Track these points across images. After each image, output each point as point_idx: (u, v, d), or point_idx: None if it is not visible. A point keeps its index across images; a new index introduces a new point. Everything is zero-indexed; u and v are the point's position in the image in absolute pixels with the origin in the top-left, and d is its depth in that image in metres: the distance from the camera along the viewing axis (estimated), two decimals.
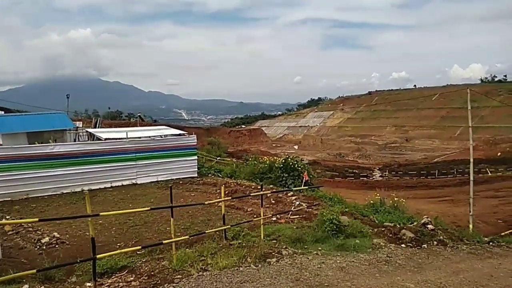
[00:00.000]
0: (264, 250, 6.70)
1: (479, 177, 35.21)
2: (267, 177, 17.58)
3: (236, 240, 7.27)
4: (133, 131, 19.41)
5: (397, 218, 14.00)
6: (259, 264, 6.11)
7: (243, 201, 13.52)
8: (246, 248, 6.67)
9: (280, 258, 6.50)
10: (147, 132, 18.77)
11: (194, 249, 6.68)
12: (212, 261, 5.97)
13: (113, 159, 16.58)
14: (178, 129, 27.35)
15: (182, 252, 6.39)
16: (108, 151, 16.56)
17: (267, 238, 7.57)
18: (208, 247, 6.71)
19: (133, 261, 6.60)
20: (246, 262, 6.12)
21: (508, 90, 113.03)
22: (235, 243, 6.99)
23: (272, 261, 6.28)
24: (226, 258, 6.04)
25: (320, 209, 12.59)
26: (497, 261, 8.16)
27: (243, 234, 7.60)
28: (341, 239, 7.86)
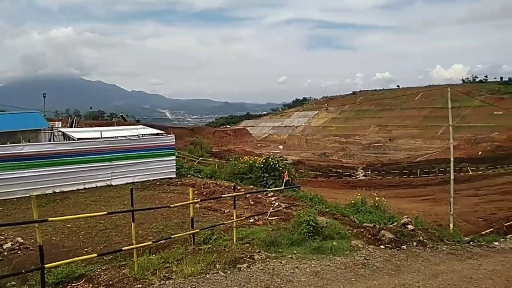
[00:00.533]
0: (235, 255, 6.31)
1: (461, 176, 35.62)
2: (248, 178, 17.19)
3: (206, 244, 6.85)
4: (108, 130, 18.76)
5: (378, 218, 13.79)
6: (228, 270, 5.72)
7: (221, 202, 13.10)
8: (216, 253, 6.27)
9: (252, 263, 6.12)
10: (122, 132, 18.15)
11: (159, 256, 6.23)
12: (177, 268, 5.55)
13: (86, 160, 15.93)
14: (162, 129, 26.83)
15: (145, 259, 5.94)
16: (81, 151, 15.91)
17: (240, 242, 7.18)
18: (174, 253, 6.28)
19: (92, 269, 6.11)
20: (215, 268, 5.72)
21: (488, 90, 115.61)
22: (205, 248, 6.57)
23: (242, 267, 5.90)
24: (192, 265, 5.63)
25: (299, 209, 12.30)
26: (477, 262, 7.96)
27: (215, 238, 7.19)
28: (318, 242, 7.52)
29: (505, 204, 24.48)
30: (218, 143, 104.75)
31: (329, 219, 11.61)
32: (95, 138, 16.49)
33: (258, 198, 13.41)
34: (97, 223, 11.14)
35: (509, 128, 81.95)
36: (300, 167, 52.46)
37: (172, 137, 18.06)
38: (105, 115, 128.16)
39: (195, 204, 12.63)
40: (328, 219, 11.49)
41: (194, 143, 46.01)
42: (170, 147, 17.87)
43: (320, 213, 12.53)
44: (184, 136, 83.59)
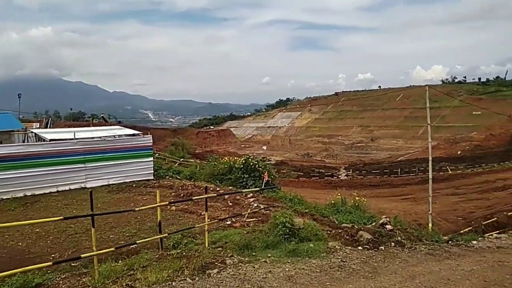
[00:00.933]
0: (206, 260, 6.01)
1: (440, 175, 36.07)
2: (227, 179, 16.91)
3: (175, 249, 6.52)
4: (82, 131, 18.18)
5: (357, 218, 13.71)
6: (197, 276, 5.42)
7: (199, 204, 12.76)
8: (185, 259, 5.96)
9: (223, 268, 5.83)
10: (97, 133, 17.60)
11: (124, 262, 5.88)
12: (142, 275, 5.22)
13: (59, 162, 15.36)
14: (144, 130, 26.23)
15: (108, 266, 5.58)
16: (53, 153, 15.33)
17: (212, 246, 6.88)
18: (140, 259, 5.94)
19: (51, 277, 5.72)
20: (182, 275, 5.41)
21: (467, 91, 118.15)
22: (174, 253, 6.25)
23: (212, 273, 5.60)
24: (159, 272, 5.30)
25: (279, 211, 12.09)
26: (455, 262, 7.85)
27: (185, 242, 6.87)
28: (294, 244, 7.29)
29: (483, 202, 24.85)
30: (202, 144, 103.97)
31: (308, 220, 11.45)
32: (68, 139, 15.92)
33: (237, 199, 13.13)
34: (67, 228, 10.69)
35: (487, 128, 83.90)
36: (283, 168, 52.41)
37: (150, 138, 17.61)
38: (86, 116, 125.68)
39: (171, 207, 12.31)
40: (307, 220, 11.33)
41: (176, 144, 45.36)
42: (147, 148, 17.42)
43: (300, 214, 12.36)
44: (167, 137, 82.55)
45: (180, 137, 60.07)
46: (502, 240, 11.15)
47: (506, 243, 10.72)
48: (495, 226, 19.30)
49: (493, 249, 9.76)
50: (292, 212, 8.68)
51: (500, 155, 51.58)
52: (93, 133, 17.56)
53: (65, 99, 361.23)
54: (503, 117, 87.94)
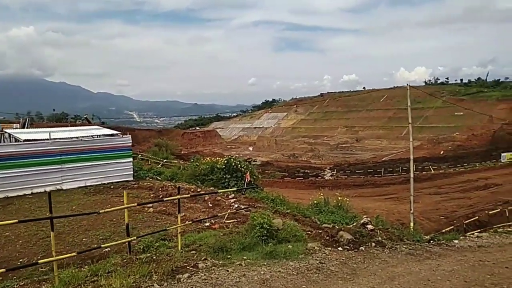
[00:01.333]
0: (177, 264, 5.71)
1: (423, 175, 36.46)
2: (209, 179, 16.60)
3: (145, 253, 6.20)
4: (58, 131, 17.61)
5: (340, 218, 13.58)
6: (165, 282, 5.12)
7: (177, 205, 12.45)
8: (155, 263, 5.64)
9: (194, 272, 5.54)
10: (74, 133, 17.06)
11: (88, 268, 5.53)
12: (106, 281, 4.89)
13: (34, 163, 14.79)
14: (129, 131, 25.61)
15: (70, 272, 5.23)
16: (27, 153, 14.76)
17: (185, 249, 6.58)
18: (105, 264, 5.60)
19: (8, 284, 5.34)
20: (150, 280, 5.10)
21: (449, 92, 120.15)
22: (143, 257, 5.93)
23: (183, 277, 5.31)
24: (124, 277, 4.99)
25: (259, 211, 11.86)
26: (435, 262, 7.74)
27: (157, 246, 6.55)
28: (271, 245, 7.04)
29: (465, 201, 25.12)
30: (187, 145, 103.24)
31: (290, 220, 11.26)
32: (43, 140, 15.36)
33: (217, 200, 12.84)
34: (38, 231, 10.23)
35: (469, 128, 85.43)
36: (268, 168, 52.32)
37: (129, 138, 17.16)
38: (69, 117, 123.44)
39: (149, 209, 11.94)
40: (289, 220, 11.13)
41: (159, 145, 44.69)
42: (126, 148, 16.97)
43: (281, 215, 12.15)
44: (152, 138, 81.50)
45: (164, 138, 59.28)
46: (483, 239, 11.14)
47: (487, 242, 10.71)
48: (477, 225, 19.51)
49: (474, 248, 9.72)
50: (270, 213, 8.42)
51: (482, 154, 52.47)
52: (69, 133, 17.01)
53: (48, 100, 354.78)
54: (484, 118, 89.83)
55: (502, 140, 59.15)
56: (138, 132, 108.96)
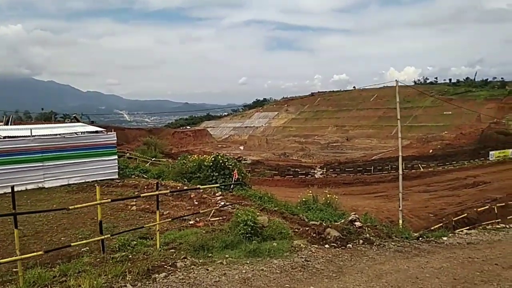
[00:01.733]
0: (154, 263, 5.41)
1: (412, 173, 36.58)
2: (196, 177, 16.27)
3: (121, 252, 5.88)
4: (40, 128, 17.12)
5: (328, 216, 13.37)
6: (140, 282, 4.82)
7: (163, 204, 12.11)
8: (130, 262, 5.34)
9: (172, 272, 5.25)
10: (57, 130, 16.59)
11: (57, 268, 5.20)
12: (75, 282, 4.57)
13: (14, 160, 14.31)
14: (118, 130, 25.21)
15: (36, 272, 4.90)
16: (7, 151, 14.26)
17: (164, 247, 6.27)
18: (77, 263, 5.28)
19: None
20: (123, 280, 4.79)
21: (438, 91, 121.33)
22: (117, 256, 5.61)
23: (159, 277, 5.01)
24: (95, 277, 4.67)
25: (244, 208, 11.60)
26: (424, 260, 7.55)
27: (135, 244, 6.22)
28: (255, 243, 6.77)
29: (454, 199, 25.17)
30: (178, 144, 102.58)
31: (277, 218, 11.02)
32: (24, 136, 14.88)
33: (203, 198, 12.54)
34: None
35: (457, 127, 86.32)
36: (258, 167, 52.10)
37: (114, 135, 16.75)
38: (58, 116, 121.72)
39: (132, 206, 11.59)
40: (277, 218, 10.89)
41: (148, 143, 44.11)
42: (111, 145, 16.55)
43: (269, 212, 11.91)
44: (142, 137, 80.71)
45: (153, 137, 58.64)
46: (472, 236, 11.03)
47: (476, 239, 10.59)
48: (466, 222, 19.47)
49: (463, 245, 9.58)
50: (254, 210, 8.15)
51: (470, 153, 52.91)
52: (52, 130, 16.53)
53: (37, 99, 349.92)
54: (473, 117, 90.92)
55: (490, 138, 59.76)
56: (128, 131, 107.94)
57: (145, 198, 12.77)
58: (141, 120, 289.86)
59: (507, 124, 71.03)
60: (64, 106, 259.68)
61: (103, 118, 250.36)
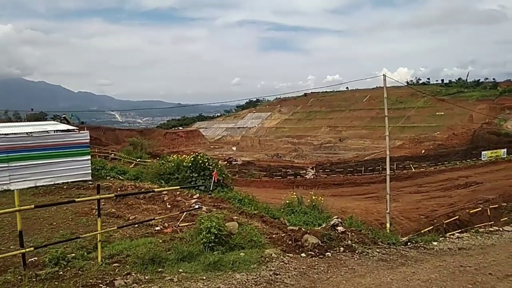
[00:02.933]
0: (88, 281, 4.53)
1: (404, 173, 35.99)
2: (174, 178, 15.38)
3: (50, 267, 4.98)
4: (7, 126, 16.12)
5: (313, 219, 12.58)
6: None
7: (132, 207, 11.24)
8: (57, 281, 4.46)
9: None
10: (25, 128, 15.59)
11: None
12: None
13: None
14: (109, 131, 24.19)
15: None
16: None
17: (107, 261, 5.38)
18: None
19: None
20: None
21: (430, 92, 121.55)
22: (43, 273, 4.72)
23: None
24: None
25: (222, 212, 10.74)
26: (410, 270, 6.75)
27: (71, 257, 5.33)
28: (219, 254, 5.92)
29: (446, 200, 24.54)
30: (170, 145, 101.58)
31: (256, 222, 10.20)
32: None
33: (177, 200, 11.64)
34: None
35: (449, 127, 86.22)
36: (249, 168, 51.30)
37: (87, 134, 15.79)
38: (48, 117, 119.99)
39: (95, 211, 10.67)
40: (256, 222, 10.06)
41: (134, 143, 43.06)
42: (84, 145, 15.58)
43: (248, 216, 11.07)
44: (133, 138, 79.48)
45: (139, 137, 57.54)
46: (464, 240, 10.28)
47: (468, 244, 9.84)
48: (458, 225, 18.83)
49: (454, 251, 8.81)
50: (221, 215, 7.28)
51: (462, 153, 52.58)
52: (20, 128, 15.53)
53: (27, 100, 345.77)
54: (465, 117, 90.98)
55: (482, 139, 59.63)
56: (118, 132, 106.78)
57: (113, 201, 11.92)
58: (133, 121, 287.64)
59: (499, 124, 71.00)
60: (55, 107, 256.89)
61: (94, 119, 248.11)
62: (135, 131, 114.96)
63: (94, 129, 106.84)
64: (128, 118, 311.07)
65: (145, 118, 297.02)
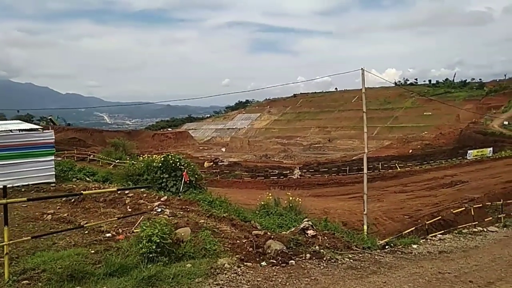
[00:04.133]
0: None
1: (389, 173, 35.58)
2: (144, 179, 14.51)
3: None
4: None
5: (288, 221, 11.85)
6: None
7: (89, 211, 10.34)
8: None
9: None
10: None
11: None
12: None
13: None
14: (96, 133, 23.16)
15: None
16: None
17: (16, 278, 4.53)
18: None
19: None
20: None
21: (418, 93, 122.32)
22: None
23: None
24: None
25: (186, 216, 9.97)
26: (382, 279, 6.04)
27: None
28: (159, 266, 5.12)
29: (431, 199, 24.06)
30: (158, 146, 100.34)
31: (226, 225, 9.42)
32: None
33: (139, 204, 10.78)
34: None
35: (437, 127, 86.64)
36: (235, 168, 50.54)
37: (51, 133, 14.79)
38: (35, 119, 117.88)
39: (47, 216, 9.77)
40: (225, 225, 9.28)
41: (116, 144, 41.92)
42: (48, 145, 14.56)
43: (217, 219, 10.28)
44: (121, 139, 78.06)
45: (121, 138, 56.33)
46: (446, 242, 9.66)
47: (449, 246, 9.22)
48: (442, 224, 18.28)
49: (434, 255, 8.16)
50: (164, 221, 6.44)
51: (449, 152, 52.58)
52: None
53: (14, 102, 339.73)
54: (452, 117, 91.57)
55: (469, 138, 59.82)
56: (106, 134, 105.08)
57: (70, 205, 11.02)
58: (122, 122, 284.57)
59: (485, 124, 71.40)
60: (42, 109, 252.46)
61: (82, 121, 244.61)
62: (123, 132, 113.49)
63: (80, 130, 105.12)
64: (117, 119, 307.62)
65: (134, 119, 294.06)
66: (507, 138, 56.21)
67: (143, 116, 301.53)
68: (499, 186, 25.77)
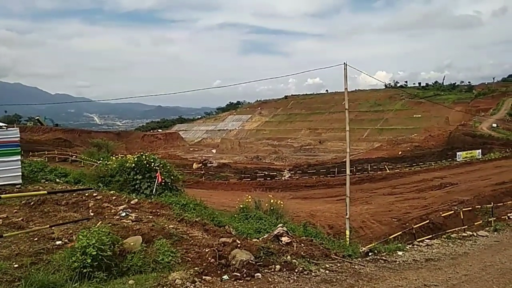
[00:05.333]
0: None
1: (378, 174, 35.05)
2: (116, 181, 13.66)
3: None
4: None
5: (267, 226, 11.09)
6: None
7: (49, 215, 9.47)
8: None
9: None
10: None
11: None
12: None
13: None
14: (84, 134, 22.24)
15: None
16: None
17: None
18: None
19: None
20: None
21: (408, 95, 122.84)
22: None
23: None
24: None
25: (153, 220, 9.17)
26: None
27: None
28: (92, 284, 4.30)
29: (420, 202, 23.54)
30: (148, 147, 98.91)
31: (198, 231, 8.65)
32: None
33: (103, 207, 9.92)
34: None
35: (426, 129, 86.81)
36: (224, 170, 49.66)
37: (16, 131, 13.87)
38: (23, 119, 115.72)
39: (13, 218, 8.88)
40: (197, 231, 8.50)
41: (99, 145, 40.83)
42: (13, 144, 13.64)
43: (188, 224, 9.49)
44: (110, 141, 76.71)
45: (104, 138, 55.20)
46: (434, 248, 8.95)
47: (437, 253, 8.50)
48: (431, 228, 17.70)
49: (420, 264, 7.44)
50: (105, 229, 5.62)
51: (438, 154, 52.42)
52: None
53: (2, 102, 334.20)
54: (441, 119, 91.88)
55: (458, 140, 60.01)
56: (94, 135, 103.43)
57: (29, 208, 10.13)
58: (112, 123, 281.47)
59: (474, 126, 71.79)
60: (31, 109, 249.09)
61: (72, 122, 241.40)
62: (112, 133, 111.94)
63: (68, 131, 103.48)
64: (107, 120, 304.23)
65: (124, 120, 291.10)
66: (495, 140, 56.51)
67: (134, 117, 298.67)
68: (489, 189, 25.38)
